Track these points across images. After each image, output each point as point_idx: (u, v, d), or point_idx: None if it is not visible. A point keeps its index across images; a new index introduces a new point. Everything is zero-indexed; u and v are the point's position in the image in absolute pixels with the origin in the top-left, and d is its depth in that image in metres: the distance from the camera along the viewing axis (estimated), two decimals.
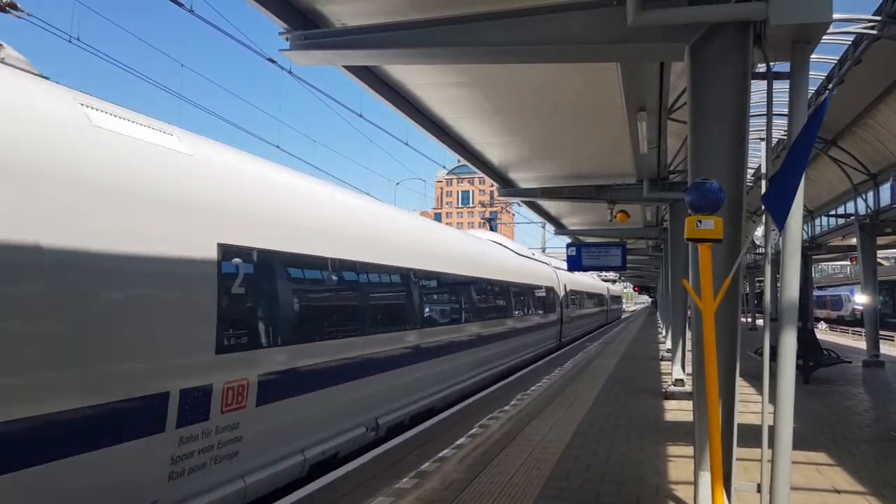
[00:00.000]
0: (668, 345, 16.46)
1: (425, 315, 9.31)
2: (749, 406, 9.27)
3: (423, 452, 6.85)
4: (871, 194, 15.72)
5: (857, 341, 25.29)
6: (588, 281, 35.11)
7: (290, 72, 10.29)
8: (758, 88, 9.46)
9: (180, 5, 8.67)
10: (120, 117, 4.73)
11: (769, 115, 4.64)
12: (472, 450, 7.00)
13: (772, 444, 4.36)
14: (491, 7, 5.46)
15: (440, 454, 6.78)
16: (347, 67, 6.87)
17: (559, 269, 24.08)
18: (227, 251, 5.04)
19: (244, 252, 5.26)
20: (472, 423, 8.46)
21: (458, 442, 7.36)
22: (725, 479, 4.35)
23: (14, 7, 8.87)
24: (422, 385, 9.16)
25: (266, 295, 5.51)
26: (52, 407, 3.64)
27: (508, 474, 6.06)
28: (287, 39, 6.02)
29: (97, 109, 4.55)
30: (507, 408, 9.69)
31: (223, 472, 4.96)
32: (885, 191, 14.98)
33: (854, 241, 16.68)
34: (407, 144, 16.19)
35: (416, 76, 7.73)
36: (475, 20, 5.49)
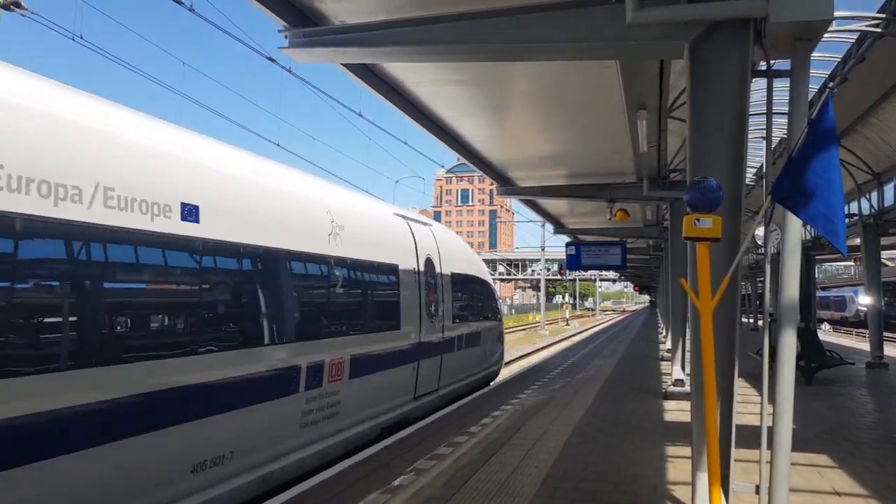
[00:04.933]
0: (668, 345, 16.42)
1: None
2: (750, 407, 9.22)
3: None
4: (875, 194, 15.64)
5: (860, 343, 25.20)
6: None
7: (289, 70, 10.28)
8: (759, 87, 9.45)
9: (180, 4, 8.65)
10: None
11: (769, 113, 4.60)
12: (471, 448, 6.98)
13: (771, 446, 4.32)
14: (489, 5, 5.42)
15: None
16: (346, 65, 6.84)
17: None
18: None
19: None
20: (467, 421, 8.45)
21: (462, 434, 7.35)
22: (723, 479, 4.31)
23: (18, 5, 8.90)
24: None
25: None
26: None
27: (506, 472, 6.03)
28: (286, 37, 5.99)
29: None
30: (505, 407, 9.66)
31: None
32: (889, 191, 14.89)
33: (858, 241, 16.59)
34: (406, 144, 16.16)
35: (414, 74, 7.70)
36: (474, 18, 5.45)
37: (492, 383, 13.46)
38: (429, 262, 9.85)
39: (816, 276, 29.58)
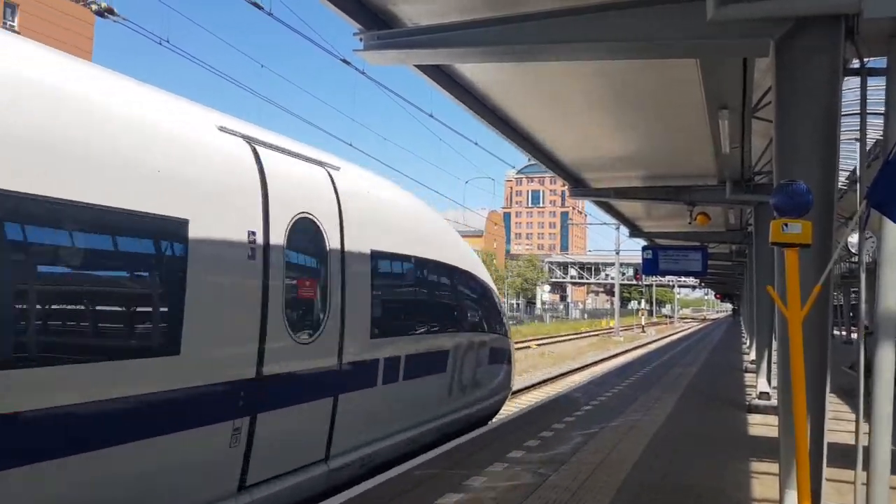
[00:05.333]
0: (753, 356, 15.66)
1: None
2: (843, 425, 8.66)
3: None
4: None
5: None
6: None
7: (363, 72, 10.55)
8: (852, 85, 8.90)
9: (259, 8, 9.06)
10: None
11: (863, 113, 4.34)
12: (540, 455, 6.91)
13: (867, 466, 4.06)
14: (564, 3, 5.36)
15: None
16: (418, 66, 6.91)
17: None
18: None
19: None
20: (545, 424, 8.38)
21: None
22: (814, 499, 4.09)
23: (111, 12, 9.66)
24: None
25: None
26: None
27: (580, 480, 5.93)
28: (361, 40, 6.12)
29: None
30: (578, 412, 9.51)
31: None
32: None
33: None
34: (476, 144, 16.20)
35: (485, 74, 7.69)
36: (547, 17, 5.40)
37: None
38: (307, 226, 5.55)
39: None
